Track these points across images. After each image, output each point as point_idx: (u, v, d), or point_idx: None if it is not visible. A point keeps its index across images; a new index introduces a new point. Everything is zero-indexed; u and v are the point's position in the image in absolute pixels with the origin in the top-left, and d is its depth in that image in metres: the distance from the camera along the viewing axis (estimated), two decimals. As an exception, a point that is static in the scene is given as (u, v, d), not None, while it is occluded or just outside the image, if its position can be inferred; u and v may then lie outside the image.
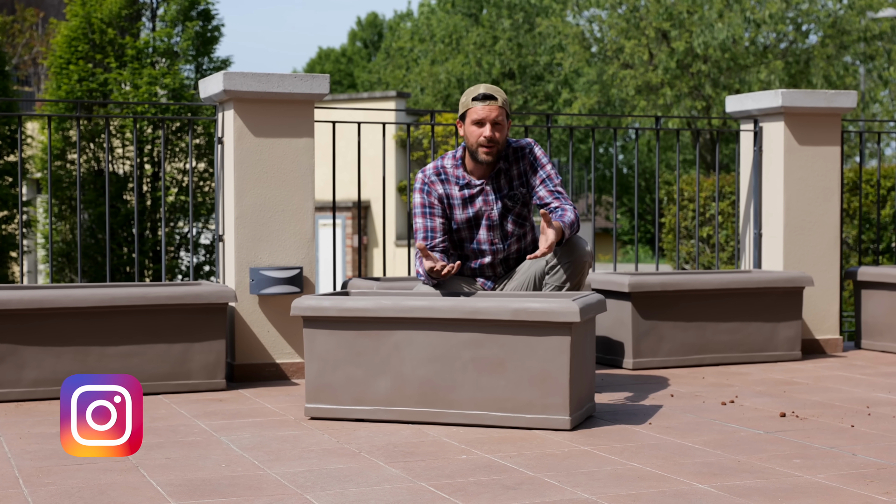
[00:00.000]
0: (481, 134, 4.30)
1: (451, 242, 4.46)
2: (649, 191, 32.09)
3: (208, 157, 10.71)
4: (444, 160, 4.46)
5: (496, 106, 4.31)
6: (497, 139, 4.31)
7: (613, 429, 3.88)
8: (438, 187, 4.42)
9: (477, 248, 4.45)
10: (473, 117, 4.31)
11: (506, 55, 30.56)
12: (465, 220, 4.41)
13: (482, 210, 4.40)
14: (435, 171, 4.44)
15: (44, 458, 3.43)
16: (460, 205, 4.41)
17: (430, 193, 4.41)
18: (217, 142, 5.19)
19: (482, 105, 4.31)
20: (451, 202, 4.41)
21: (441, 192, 4.41)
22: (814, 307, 5.98)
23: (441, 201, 4.41)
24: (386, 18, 44.63)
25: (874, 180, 10.98)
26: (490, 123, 4.30)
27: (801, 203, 5.96)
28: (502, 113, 4.32)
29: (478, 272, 4.49)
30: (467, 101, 4.35)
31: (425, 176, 4.44)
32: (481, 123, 4.30)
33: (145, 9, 11.23)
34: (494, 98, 4.31)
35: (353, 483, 3.12)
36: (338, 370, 3.98)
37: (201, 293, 4.69)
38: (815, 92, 5.96)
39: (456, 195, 4.40)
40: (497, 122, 4.31)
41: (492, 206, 4.40)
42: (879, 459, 3.42)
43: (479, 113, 4.30)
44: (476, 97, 4.32)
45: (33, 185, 14.85)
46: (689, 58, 21.62)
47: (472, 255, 4.47)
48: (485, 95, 4.31)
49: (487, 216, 4.41)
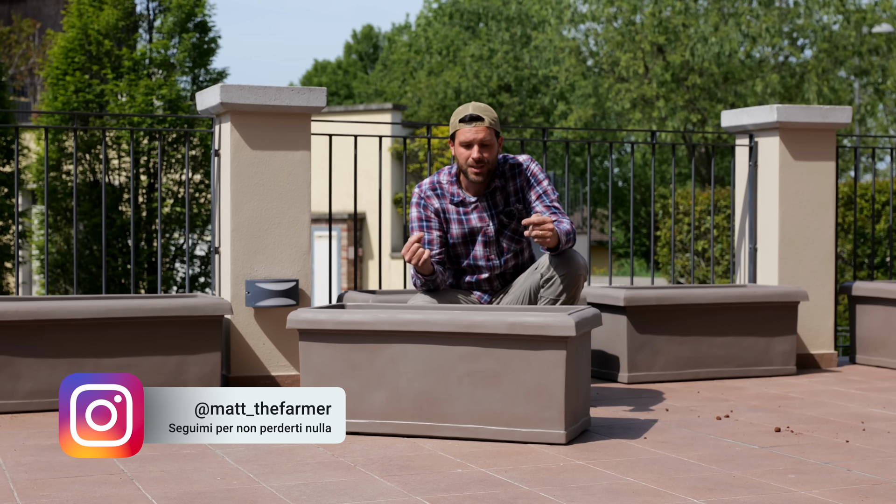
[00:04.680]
0: (469, 156, 4.32)
1: (447, 257, 4.47)
2: (645, 204, 32.14)
3: (204, 168, 10.71)
4: (440, 175, 4.47)
5: (483, 127, 4.31)
6: (486, 159, 4.32)
7: (609, 443, 3.88)
8: (434, 202, 4.43)
9: (473, 263, 4.45)
10: (461, 139, 4.33)
11: (503, 68, 30.62)
12: (461, 235, 4.42)
13: (477, 227, 4.41)
14: (431, 186, 4.45)
15: (39, 470, 3.43)
16: (456, 220, 4.42)
17: (426, 207, 4.42)
18: (214, 154, 5.19)
19: (469, 127, 4.32)
20: (448, 216, 4.43)
21: (437, 207, 4.42)
22: (809, 322, 5.98)
23: (437, 215, 4.42)
24: (381, 31, 44.72)
25: (869, 195, 11.00)
26: (478, 145, 4.31)
27: (796, 218, 5.97)
28: (490, 133, 4.32)
29: (474, 286, 4.50)
30: (455, 123, 4.36)
31: (421, 191, 4.45)
32: (469, 145, 4.32)
33: (142, 20, 11.24)
34: (481, 119, 4.31)
35: (349, 497, 3.11)
36: (333, 383, 3.98)
37: (197, 305, 4.69)
38: (810, 107, 5.98)
39: (451, 210, 4.42)
40: (485, 143, 4.31)
41: (487, 223, 4.41)
42: (874, 475, 3.42)
43: (466, 135, 4.31)
44: (463, 118, 4.33)
45: (29, 196, 14.84)
46: (684, 71, 21.67)
47: (469, 271, 4.48)
48: (472, 117, 4.31)
49: (483, 232, 4.42)
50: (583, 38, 24.06)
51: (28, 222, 11.73)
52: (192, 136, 9.80)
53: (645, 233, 27.99)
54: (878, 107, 23.34)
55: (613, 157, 16.44)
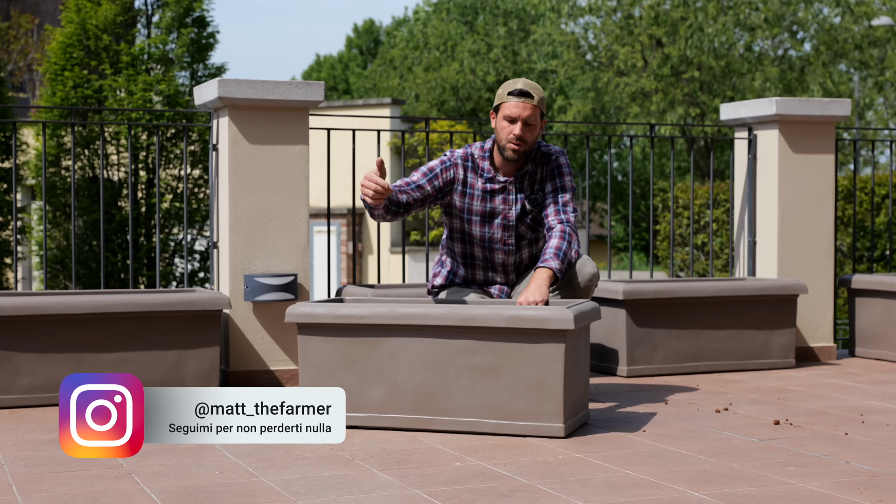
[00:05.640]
0: (511, 131, 4.17)
1: (460, 241, 4.36)
2: (644, 198, 32.13)
3: (203, 163, 10.71)
4: (471, 148, 4.32)
5: (531, 105, 4.16)
6: (527, 140, 4.19)
7: (607, 436, 3.88)
8: (459, 171, 4.27)
9: (488, 245, 4.33)
10: (506, 112, 4.17)
11: (500, 62, 30.59)
12: (481, 213, 4.29)
13: (500, 208, 4.29)
14: (464, 156, 4.29)
15: (38, 464, 3.43)
16: (480, 196, 4.28)
17: (447, 169, 4.26)
18: (212, 148, 5.19)
19: (516, 101, 4.15)
20: (472, 191, 4.28)
21: (458, 177, 4.27)
22: (808, 315, 5.98)
23: (448, 184, 4.26)
24: (383, 25, 44.67)
25: (868, 188, 11.00)
26: (522, 122, 4.15)
27: (796, 211, 5.97)
28: (536, 113, 4.18)
29: (490, 270, 4.39)
30: (503, 94, 4.19)
31: (452, 155, 4.29)
32: (513, 120, 4.16)
33: (140, 15, 11.23)
34: (531, 96, 4.15)
35: (347, 490, 3.11)
36: (332, 377, 3.98)
37: (196, 300, 4.69)
38: (810, 100, 5.97)
39: (478, 186, 4.27)
40: (529, 122, 4.17)
41: (510, 206, 4.29)
42: (873, 467, 3.42)
43: (512, 110, 4.16)
44: (512, 92, 4.16)
45: (28, 192, 14.84)
46: (682, 65, 21.66)
47: (481, 255, 4.36)
48: (521, 92, 4.15)
49: (504, 215, 4.30)
50: (582, 31, 24.05)
51: (27, 218, 11.73)
52: (191, 130, 9.79)
53: (644, 227, 28.00)
54: (878, 100, 23.33)
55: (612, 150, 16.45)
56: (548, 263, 4.11)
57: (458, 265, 4.43)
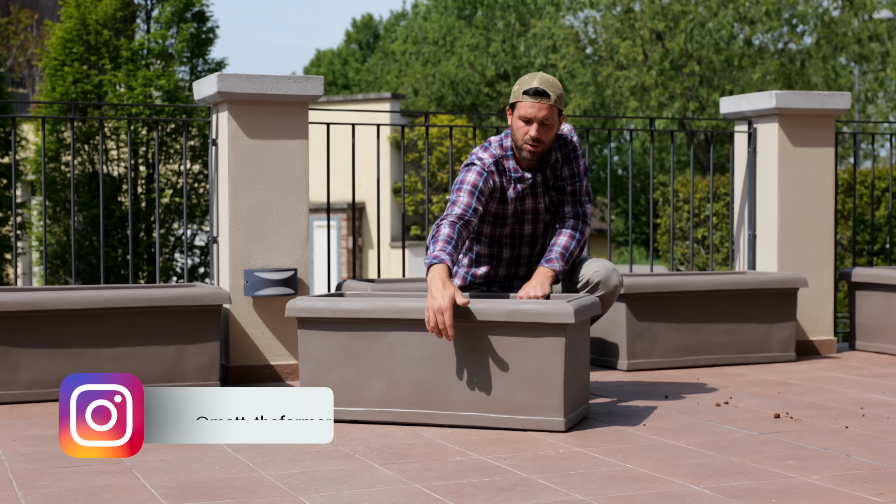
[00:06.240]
0: (527, 132, 4.03)
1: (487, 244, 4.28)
2: (644, 192, 32.13)
3: (203, 158, 10.70)
4: (490, 148, 4.18)
5: (547, 105, 4.01)
6: (543, 140, 4.06)
7: (608, 430, 3.89)
8: (496, 178, 4.14)
9: (517, 241, 4.26)
10: (521, 112, 4.04)
11: (500, 56, 30.55)
12: (513, 213, 4.20)
13: (530, 205, 4.21)
14: (494, 161, 4.14)
15: (38, 460, 3.43)
16: (512, 199, 4.18)
17: (486, 181, 4.09)
18: (211, 143, 5.18)
19: (532, 101, 4.01)
20: (504, 196, 4.17)
21: (496, 184, 4.15)
22: (808, 308, 5.98)
23: (492, 192, 4.15)
24: (382, 20, 44.65)
25: (868, 181, 11.00)
26: (538, 123, 4.02)
27: (796, 204, 5.97)
28: (553, 112, 4.04)
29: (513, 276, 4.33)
30: (518, 92, 4.05)
31: (484, 164, 4.12)
32: (529, 121, 4.03)
33: (140, 10, 11.22)
34: (547, 95, 4.00)
35: (347, 485, 3.11)
36: (332, 371, 3.98)
37: (196, 295, 4.68)
38: (809, 93, 5.97)
39: (510, 190, 4.16)
40: (545, 122, 4.03)
41: (539, 200, 4.21)
42: (873, 460, 3.42)
43: (527, 110, 4.02)
44: (527, 91, 4.02)
45: (27, 187, 14.83)
46: (683, 58, 21.64)
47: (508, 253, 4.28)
48: (536, 91, 4.00)
49: (534, 209, 4.22)
50: (581, 25, 24.02)
51: (27, 213, 11.73)
52: (190, 125, 9.79)
53: (644, 221, 27.98)
54: (879, 94, 23.31)
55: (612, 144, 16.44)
56: (552, 264, 4.11)
57: (477, 264, 4.34)
